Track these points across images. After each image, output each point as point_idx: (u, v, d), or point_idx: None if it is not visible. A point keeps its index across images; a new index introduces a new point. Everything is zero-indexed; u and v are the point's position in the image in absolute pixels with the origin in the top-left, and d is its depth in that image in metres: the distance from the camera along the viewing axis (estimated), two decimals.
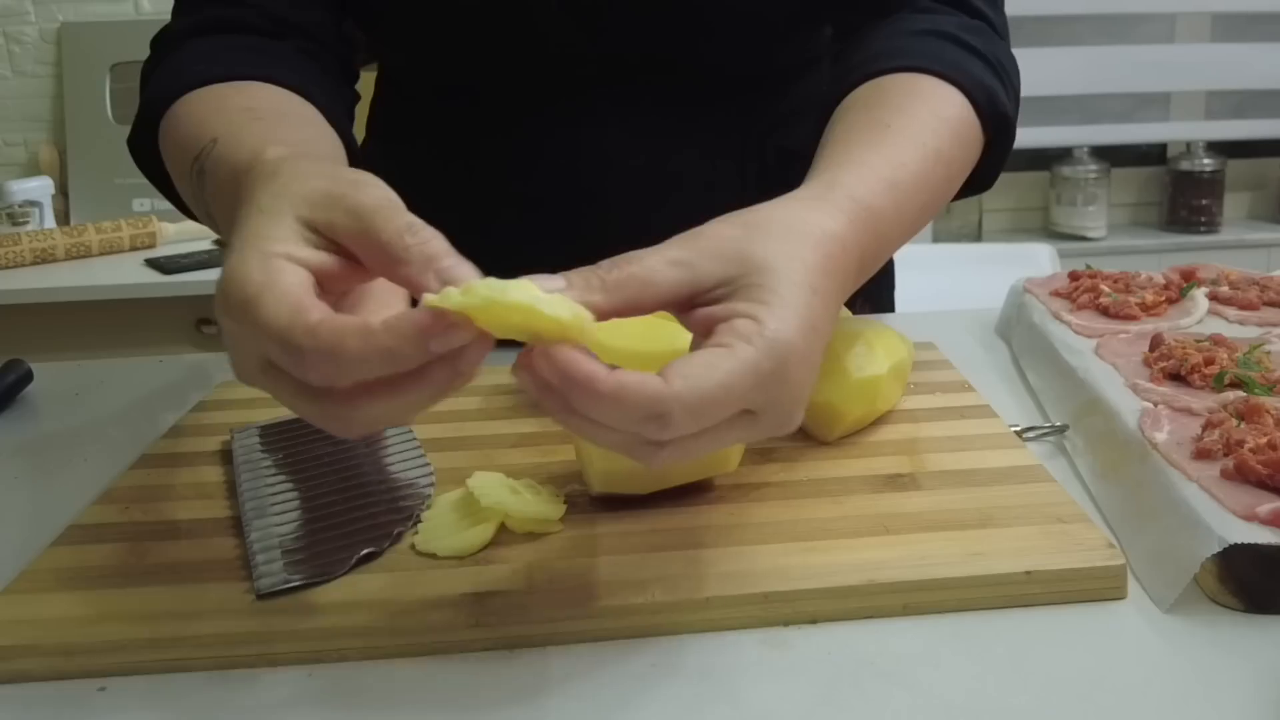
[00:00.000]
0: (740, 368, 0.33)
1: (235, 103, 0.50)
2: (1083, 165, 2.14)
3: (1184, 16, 2.15)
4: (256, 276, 0.33)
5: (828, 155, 0.46)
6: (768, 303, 0.34)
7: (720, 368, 0.33)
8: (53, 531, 0.46)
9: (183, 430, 0.57)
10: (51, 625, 0.38)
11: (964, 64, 0.52)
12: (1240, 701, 0.35)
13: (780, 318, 0.34)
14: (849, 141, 0.47)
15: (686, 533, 0.44)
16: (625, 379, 0.32)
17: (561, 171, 0.68)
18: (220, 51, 0.56)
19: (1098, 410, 0.53)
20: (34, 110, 1.84)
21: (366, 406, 0.33)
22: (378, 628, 0.38)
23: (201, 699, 0.36)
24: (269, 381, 0.34)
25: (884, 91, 0.51)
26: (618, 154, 0.67)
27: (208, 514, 0.47)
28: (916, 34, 0.55)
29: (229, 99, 0.51)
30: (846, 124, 0.49)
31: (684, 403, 0.32)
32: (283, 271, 0.33)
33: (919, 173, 0.46)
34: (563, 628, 0.39)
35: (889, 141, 0.46)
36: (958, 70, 0.51)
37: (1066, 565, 0.40)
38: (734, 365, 0.33)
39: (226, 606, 0.39)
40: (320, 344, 0.32)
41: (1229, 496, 0.41)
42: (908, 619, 0.39)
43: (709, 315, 0.35)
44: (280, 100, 0.52)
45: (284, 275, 0.33)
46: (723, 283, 0.35)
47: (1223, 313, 0.66)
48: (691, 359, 0.33)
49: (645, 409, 0.32)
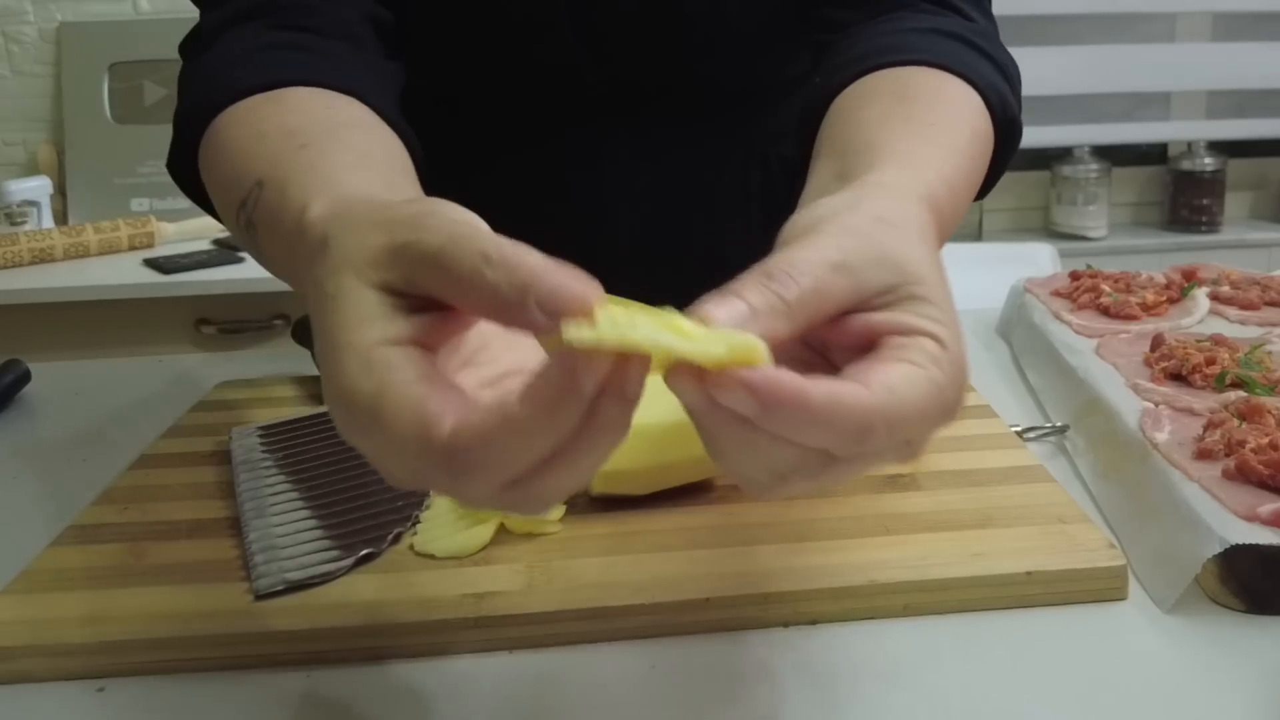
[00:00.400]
0: (936, 395, 0.29)
1: (277, 124, 0.45)
2: (1083, 165, 2.13)
3: (1185, 16, 2.14)
4: (364, 385, 0.28)
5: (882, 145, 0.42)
6: (942, 322, 0.31)
7: (921, 387, 0.29)
8: (51, 532, 0.46)
9: (181, 430, 0.57)
10: (50, 626, 0.38)
11: (977, 65, 0.51)
12: (1242, 702, 0.35)
13: (958, 342, 0.31)
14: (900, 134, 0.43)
15: (685, 533, 0.44)
16: (839, 390, 0.27)
17: (569, 189, 0.68)
18: (255, 52, 0.50)
19: (1098, 410, 0.52)
20: (32, 110, 1.84)
21: (552, 478, 0.28)
22: (376, 628, 0.38)
23: (200, 699, 0.36)
24: (433, 484, 0.30)
25: (910, 85, 0.49)
26: (625, 171, 0.67)
27: (206, 514, 0.47)
28: (925, 31, 0.54)
29: (270, 119, 0.45)
30: (882, 113, 0.45)
31: (888, 418, 0.28)
32: (389, 369, 0.29)
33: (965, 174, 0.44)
34: (562, 628, 0.38)
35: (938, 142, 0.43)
36: (973, 71, 0.50)
37: (1067, 566, 0.40)
38: (931, 389, 0.29)
39: (225, 607, 0.39)
40: (465, 457, 0.27)
41: (1230, 497, 0.41)
42: (908, 620, 0.39)
43: (870, 325, 0.31)
44: (327, 111, 0.47)
45: (393, 374, 0.28)
46: (883, 291, 0.31)
47: (1224, 313, 0.66)
48: (888, 371, 0.29)
49: (857, 422, 0.27)
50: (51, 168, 1.80)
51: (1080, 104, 2.14)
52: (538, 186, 0.68)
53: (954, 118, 0.46)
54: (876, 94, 0.48)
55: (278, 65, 0.48)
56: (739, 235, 0.68)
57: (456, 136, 0.69)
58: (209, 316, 1.54)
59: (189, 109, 0.48)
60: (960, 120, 0.46)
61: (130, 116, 1.78)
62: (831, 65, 0.53)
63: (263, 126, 0.45)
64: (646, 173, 0.67)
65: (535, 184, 0.68)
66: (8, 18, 1.82)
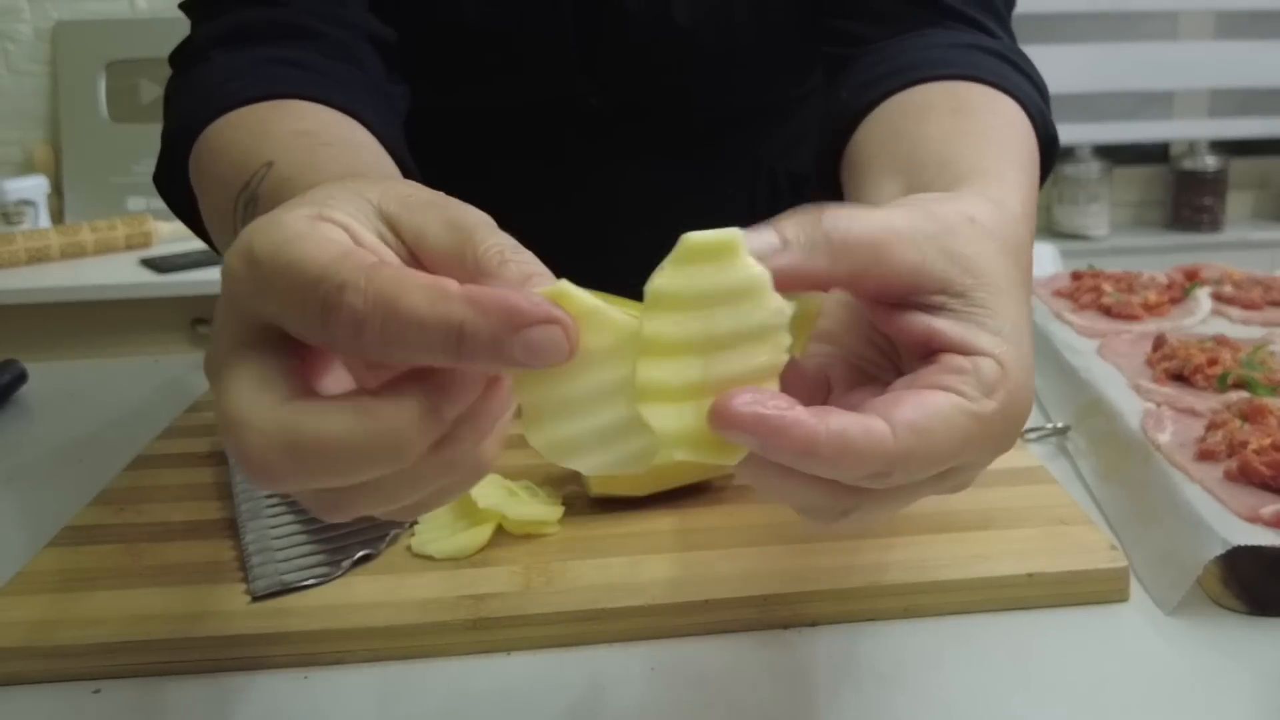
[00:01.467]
0: (980, 429, 0.27)
1: (285, 125, 0.42)
2: (1085, 164, 2.13)
3: (1187, 14, 2.14)
4: (296, 226, 0.26)
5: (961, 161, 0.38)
6: (1009, 340, 0.27)
7: (958, 426, 0.26)
8: (48, 533, 0.45)
9: (178, 431, 0.57)
10: (46, 627, 0.38)
11: (1020, 83, 0.48)
12: (1243, 704, 0.34)
13: (1023, 368, 0.28)
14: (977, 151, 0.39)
15: (685, 535, 0.43)
16: (848, 429, 0.25)
17: (574, 205, 0.68)
18: (254, 66, 0.48)
19: (1100, 411, 0.52)
20: (29, 109, 1.84)
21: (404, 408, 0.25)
22: (374, 630, 0.38)
23: (197, 701, 0.36)
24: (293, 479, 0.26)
25: (966, 100, 0.45)
26: (631, 187, 0.67)
27: (203, 516, 0.47)
28: (963, 47, 0.50)
29: (275, 121, 0.43)
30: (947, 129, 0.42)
31: (913, 460, 0.26)
32: (335, 229, 0.26)
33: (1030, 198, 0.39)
34: (560, 630, 0.38)
35: (1017, 163, 0.40)
36: (1018, 89, 0.47)
37: (1068, 567, 0.40)
38: (973, 426, 0.26)
39: (222, 608, 0.39)
40: (375, 286, 0.24)
41: (1232, 498, 0.41)
42: (909, 621, 0.39)
43: (933, 332, 0.28)
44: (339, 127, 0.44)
45: (336, 231, 0.26)
46: (947, 288, 0.28)
47: (1226, 313, 0.66)
48: (924, 404, 0.26)
49: (866, 464, 0.25)
50: (48, 167, 1.80)
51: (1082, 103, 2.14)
52: (542, 200, 0.68)
53: (1016, 138, 0.43)
54: (931, 108, 0.44)
55: (279, 80, 0.46)
56: None
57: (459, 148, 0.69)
58: (206, 316, 1.54)
59: (182, 121, 0.45)
60: (1021, 139, 0.43)
61: (127, 115, 1.78)
62: (861, 80, 0.49)
63: (269, 126, 0.42)
64: (652, 189, 0.67)
65: (539, 197, 0.68)
66: (3, 16, 1.82)
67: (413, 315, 0.24)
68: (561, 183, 0.68)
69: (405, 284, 0.24)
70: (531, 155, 0.68)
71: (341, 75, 0.49)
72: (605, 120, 0.65)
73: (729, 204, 0.69)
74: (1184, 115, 2.22)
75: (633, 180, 0.67)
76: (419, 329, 0.24)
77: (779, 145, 0.70)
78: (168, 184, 0.48)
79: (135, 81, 1.79)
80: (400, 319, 0.24)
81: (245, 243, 0.26)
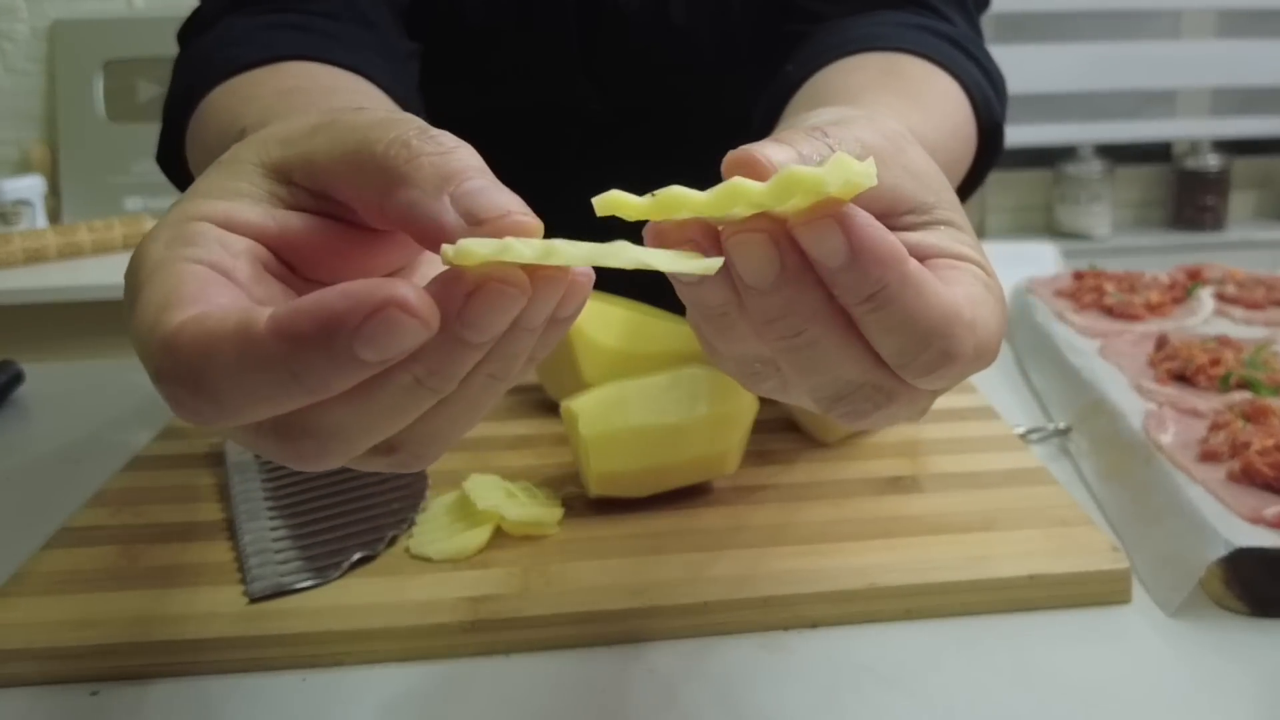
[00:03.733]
0: (999, 322, 0.25)
1: (272, 86, 0.39)
2: (1087, 164, 2.13)
3: (1189, 13, 2.14)
4: (153, 255, 0.22)
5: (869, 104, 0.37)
6: (979, 251, 0.26)
7: (990, 310, 0.25)
8: (44, 534, 0.45)
9: (174, 433, 0.57)
10: (43, 629, 0.38)
11: (965, 65, 0.51)
12: (1245, 705, 0.34)
13: (998, 281, 0.27)
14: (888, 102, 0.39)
15: (684, 536, 0.43)
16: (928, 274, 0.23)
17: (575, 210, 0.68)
18: (254, 32, 0.45)
19: (1102, 412, 0.52)
20: (25, 108, 1.83)
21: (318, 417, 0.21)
22: (372, 632, 0.38)
23: (194, 704, 0.36)
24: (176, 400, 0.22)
25: (899, 67, 0.46)
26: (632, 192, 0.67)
27: (200, 517, 0.47)
28: (912, 27, 0.53)
29: (264, 84, 0.40)
30: (867, 81, 0.42)
31: (971, 336, 0.24)
32: (191, 243, 0.22)
33: (946, 162, 0.39)
34: (558, 632, 0.38)
35: (930, 119, 0.40)
36: (961, 70, 0.50)
37: (1070, 569, 0.40)
38: (993, 315, 0.25)
39: (219, 610, 0.39)
40: (180, 363, 0.20)
41: (1235, 499, 0.41)
42: (909, 623, 0.39)
43: (919, 246, 0.26)
44: (330, 78, 0.41)
45: (189, 249, 0.22)
46: (917, 208, 0.26)
47: (1229, 313, 0.66)
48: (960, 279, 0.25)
49: (942, 312, 0.23)
50: (45, 166, 1.80)
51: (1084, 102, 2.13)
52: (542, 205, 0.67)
53: (941, 105, 0.44)
54: (863, 68, 0.45)
55: (278, 42, 0.43)
56: None
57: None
58: None
59: (180, 90, 0.44)
60: (947, 109, 0.44)
61: (124, 115, 1.78)
62: (807, 54, 0.50)
63: (257, 90, 0.40)
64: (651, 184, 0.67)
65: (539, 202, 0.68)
66: (0, 15, 1.82)
67: (230, 382, 0.20)
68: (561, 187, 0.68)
69: (209, 346, 0.20)
70: (532, 159, 0.68)
71: (347, 35, 0.47)
72: (606, 125, 0.65)
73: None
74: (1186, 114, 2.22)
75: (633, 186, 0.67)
76: (247, 394, 0.20)
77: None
78: (170, 161, 0.46)
79: (133, 81, 1.79)
80: (222, 392, 0.20)
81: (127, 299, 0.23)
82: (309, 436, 0.22)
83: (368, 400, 0.21)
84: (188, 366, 0.20)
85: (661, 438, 0.44)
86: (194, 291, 0.21)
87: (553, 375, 0.56)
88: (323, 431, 0.22)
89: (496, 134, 0.67)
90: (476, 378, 0.23)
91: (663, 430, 0.44)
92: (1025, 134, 2.09)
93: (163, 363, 0.21)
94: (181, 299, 0.21)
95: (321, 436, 0.22)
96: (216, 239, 0.23)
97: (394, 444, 0.24)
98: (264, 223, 0.24)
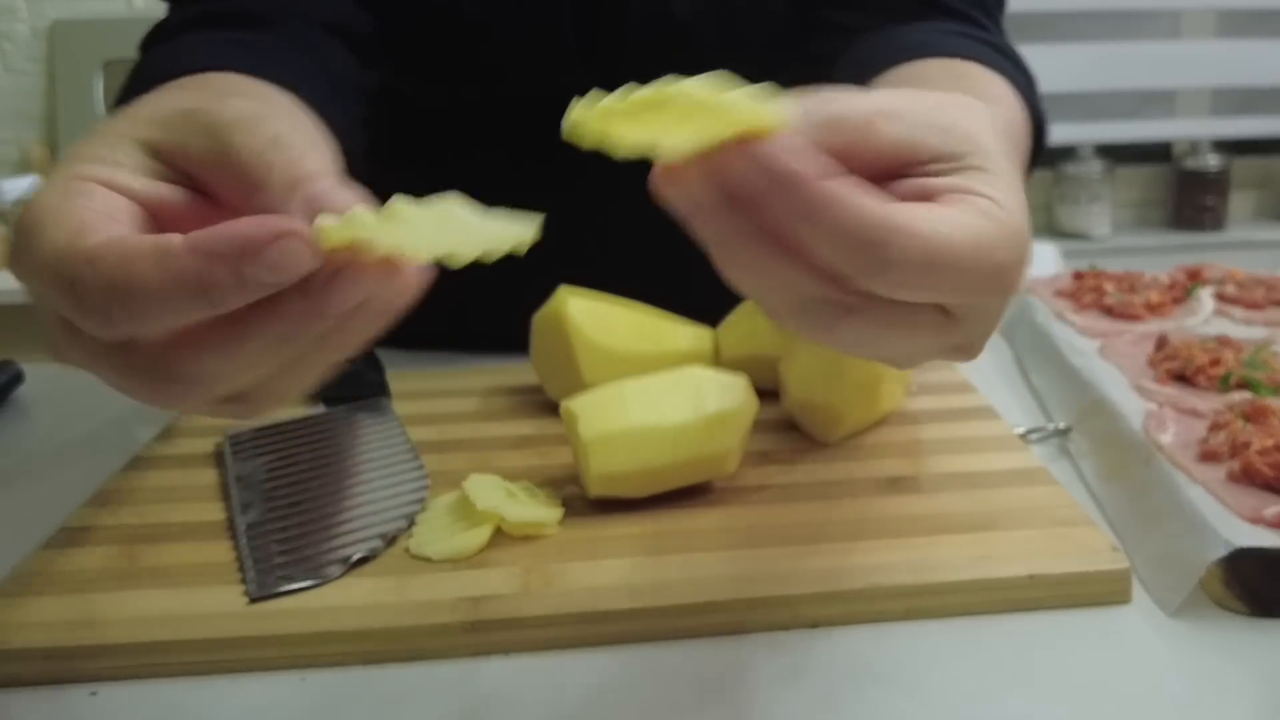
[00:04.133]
0: (985, 240, 0.26)
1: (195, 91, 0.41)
2: (1087, 164, 2.13)
3: (1189, 13, 2.14)
4: (48, 204, 0.26)
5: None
6: (1005, 192, 0.28)
7: (964, 225, 0.26)
8: (43, 534, 0.45)
9: (174, 432, 0.57)
10: (42, 629, 0.38)
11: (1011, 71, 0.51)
12: (1245, 706, 0.34)
13: (1019, 214, 0.28)
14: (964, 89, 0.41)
15: (685, 536, 0.43)
16: (853, 190, 0.25)
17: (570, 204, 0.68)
18: (203, 44, 0.49)
19: (1102, 412, 0.52)
20: (25, 108, 1.84)
21: (189, 363, 0.25)
22: (372, 632, 0.38)
23: (193, 704, 0.36)
24: (70, 348, 0.27)
25: (958, 71, 0.47)
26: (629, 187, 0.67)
27: (200, 517, 0.47)
28: (954, 34, 0.53)
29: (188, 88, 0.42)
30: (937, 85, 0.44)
31: (914, 243, 0.25)
32: (83, 195, 0.26)
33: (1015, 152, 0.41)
34: (558, 633, 0.38)
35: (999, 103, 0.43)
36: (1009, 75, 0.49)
37: (1070, 569, 0.40)
38: (976, 239, 0.26)
39: (219, 610, 0.39)
40: (100, 273, 0.24)
41: (1235, 499, 0.41)
42: (910, 623, 0.39)
43: (926, 186, 0.28)
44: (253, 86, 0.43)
45: (82, 199, 0.26)
46: (942, 157, 0.28)
47: (1229, 313, 0.66)
48: (930, 208, 0.26)
49: (869, 229, 0.24)
50: (44, 167, 1.80)
51: (1084, 102, 2.13)
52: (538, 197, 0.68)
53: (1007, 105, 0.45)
54: (926, 74, 0.46)
55: (220, 55, 0.46)
56: None
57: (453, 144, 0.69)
58: None
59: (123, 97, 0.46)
60: (1012, 110, 0.45)
61: None
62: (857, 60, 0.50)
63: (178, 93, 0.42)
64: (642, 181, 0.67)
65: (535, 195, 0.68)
66: (0, 15, 1.82)
67: (148, 289, 0.23)
68: (557, 181, 0.68)
69: (130, 258, 0.24)
70: (528, 152, 0.67)
71: (291, 59, 0.50)
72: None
73: None
74: (1186, 114, 2.22)
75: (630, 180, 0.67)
76: (160, 300, 0.24)
77: None
78: None
79: None
80: (138, 298, 0.24)
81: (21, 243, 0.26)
82: (177, 381, 0.26)
83: (237, 350, 0.25)
84: (109, 276, 0.24)
85: (661, 438, 0.44)
86: (102, 225, 0.25)
87: (553, 375, 0.56)
88: (191, 377, 0.26)
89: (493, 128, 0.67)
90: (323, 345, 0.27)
91: (663, 430, 0.44)
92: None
93: (84, 272, 0.24)
94: (94, 229, 0.25)
95: (189, 381, 0.26)
96: (103, 197, 0.26)
97: (243, 394, 0.27)
98: (143, 190, 0.27)
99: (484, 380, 0.62)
